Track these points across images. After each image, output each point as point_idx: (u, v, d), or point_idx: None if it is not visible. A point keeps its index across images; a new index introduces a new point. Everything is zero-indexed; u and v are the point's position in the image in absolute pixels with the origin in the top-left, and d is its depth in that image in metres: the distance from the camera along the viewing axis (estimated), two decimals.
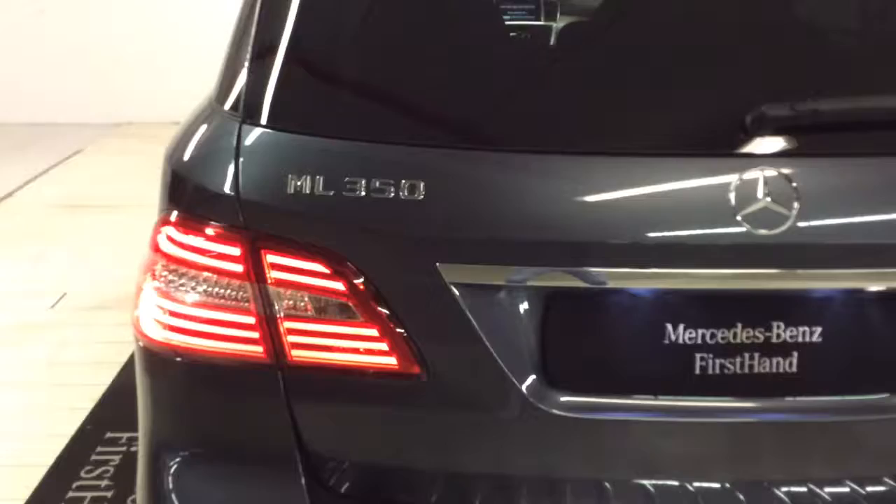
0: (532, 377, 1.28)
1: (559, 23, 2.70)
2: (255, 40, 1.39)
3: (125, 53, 6.31)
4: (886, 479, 1.37)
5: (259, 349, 1.30)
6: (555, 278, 1.26)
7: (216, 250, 1.30)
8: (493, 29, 1.53)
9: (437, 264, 1.25)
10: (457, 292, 1.25)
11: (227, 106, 1.39)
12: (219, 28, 1.54)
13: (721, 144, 1.28)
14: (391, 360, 1.29)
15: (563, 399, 1.29)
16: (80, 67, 6.31)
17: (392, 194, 1.25)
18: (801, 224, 1.22)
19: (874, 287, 1.29)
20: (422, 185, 1.25)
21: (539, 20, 2.87)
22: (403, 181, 1.25)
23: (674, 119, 1.31)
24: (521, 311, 1.27)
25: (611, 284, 1.26)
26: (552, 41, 1.96)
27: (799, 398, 1.30)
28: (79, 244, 4.13)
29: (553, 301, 1.28)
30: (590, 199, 1.26)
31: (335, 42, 1.41)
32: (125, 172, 5.14)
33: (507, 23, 2.44)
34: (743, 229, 1.22)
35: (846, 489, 1.37)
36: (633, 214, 1.25)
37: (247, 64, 1.38)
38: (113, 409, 2.72)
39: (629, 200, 1.27)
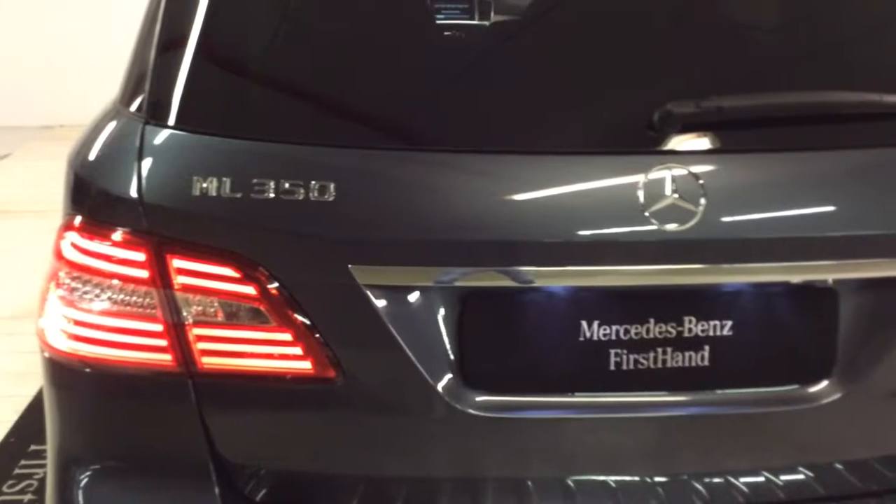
0: (448, 377, 1.27)
1: (490, 22, 2.70)
2: (159, 39, 1.35)
3: (55, 54, 6.14)
4: (800, 468, 1.40)
5: (168, 357, 1.27)
6: (468, 278, 1.25)
7: (120, 256, 1.26)
8: (409, 27, 1.52)
9: (350, 266, 1.23)
10: (370, 294, 1.24)
11: (131, 107, 1.35)
12: None
13: (630, 142, 1.28)
14: (305, 365, 1.27)
15: (479, 399, 1.28)
16: (9, 69, 6.12)
17: (302, 196, 1.23)
18: (708, 220, 1.23)
19: (781, 280, 1.31)
20: (332, 185, 1.23)
21: (473, 19, 2.86)
22: (313, 182, 1.23)
23: (584, 117, 1.31)
24: (436, 311, 1.26)
25: (524, 283, 1.26)
26: (472, 41, 1.95)
27: (711, 391, 1.32)
28: (4, 250, 4.00)
29: (468, 301, 1.27)
30: (501, 198, 1.25)
31: (242, 39, 1.38)
32: (55, 177, 4.97)
33: (439, 22, 2.43)
34: (653, 226, 1.23)
35: (761, 479, 1.39)
36: (544, 213, 1.25)
37: (150, 63, 1.34)
38: (37, 421, 2.62)
39: (541, 199, 1.26)
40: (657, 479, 1.36)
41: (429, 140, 1.30)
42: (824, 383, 1.32)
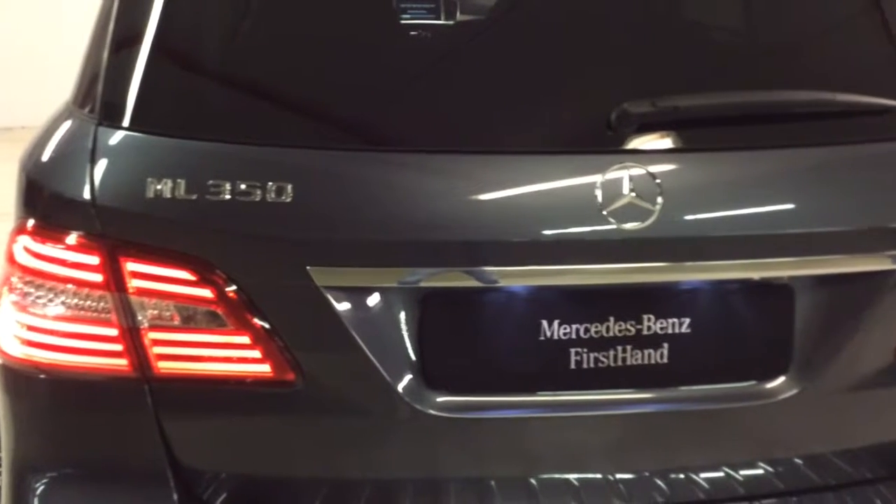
0: (409, 378, 1.27)
1: (454, 22, 2.69)
2: (112, 39, 1.33)
3: (15, 54, 6.03)
4: (759, 464, 1.41)
5: (123, 362, 1.25)
6: (427, 279, 1.25)
7: (74, 260, 1.24)
8: (371, 26, 1.51)
9: (308, 268, 1.22)
10: (329, 296, 1.23)
11: (84, 108, 1.33)
12: None
13: (587, 142, 1.29)
14: (264, 368, 1.26)
15: (440, 399, 1.28)
16: None
17: (258, 197, 1.22)
18: (665, 218, 1.24)
19: (738, 277, 1.32)
20: (289, 187, 1.22)
21: (438, 19, 2.86)
22: (270, 183, 1.22)
23: (542, 117, 1.32)
24: (396, 312, 1.26)
25: (484, 283, 1.26)
26: (433, 41, 1.95)
27: (671, 388, 1.33)
28: None
29: (428, 301, 1.27)
30: (460, 198, 1.25)
31: (197, 39, 1.36)
32: (14, 179, 4.90)
33: (402, 21, 2.42)
34: (611, 226, 1.24)
35: (721, 474, 1.40)
36: (503, 212, 1.25)
37: (104, 63, 1.32)
38: None
39: (499, 199, 1.26)
40: (619, 476, 1.37)
41: (387, 140, 1.30)
42: (781, 379, 1.34)
